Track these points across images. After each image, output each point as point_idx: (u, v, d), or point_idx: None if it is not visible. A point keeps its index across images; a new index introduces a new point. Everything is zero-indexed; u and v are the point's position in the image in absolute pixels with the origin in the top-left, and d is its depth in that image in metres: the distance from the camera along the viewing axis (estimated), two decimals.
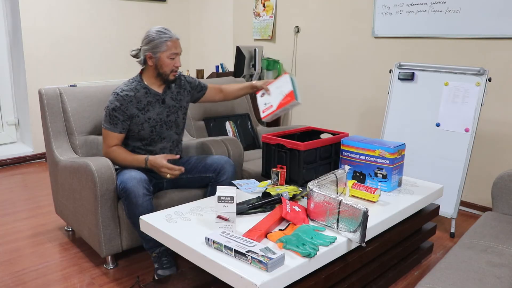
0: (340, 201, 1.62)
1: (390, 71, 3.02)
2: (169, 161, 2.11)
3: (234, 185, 2.15)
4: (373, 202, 1.99)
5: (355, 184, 2.06)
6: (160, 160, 2.08)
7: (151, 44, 2.09)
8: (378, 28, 3.47)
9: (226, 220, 1.63)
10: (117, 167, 2.26)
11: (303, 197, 1.99)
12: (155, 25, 2.21)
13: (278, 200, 1.87)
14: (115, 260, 2.27)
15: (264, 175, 2.37)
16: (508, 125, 2.90)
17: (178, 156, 2.21)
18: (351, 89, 3.77)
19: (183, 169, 2.11)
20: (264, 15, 4.36)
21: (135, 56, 2.16)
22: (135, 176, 1.99)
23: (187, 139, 2.72)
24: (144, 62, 2.15)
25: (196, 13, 5.11)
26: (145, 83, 2.19)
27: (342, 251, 1.62)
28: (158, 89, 2.22)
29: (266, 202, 1.86)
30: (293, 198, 1.93)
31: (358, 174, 2.21)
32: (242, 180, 2.23)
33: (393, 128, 2.99)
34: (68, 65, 4.26)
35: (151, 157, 2.10)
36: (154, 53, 2.10)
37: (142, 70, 2.21)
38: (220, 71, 4.38)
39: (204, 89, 2.43)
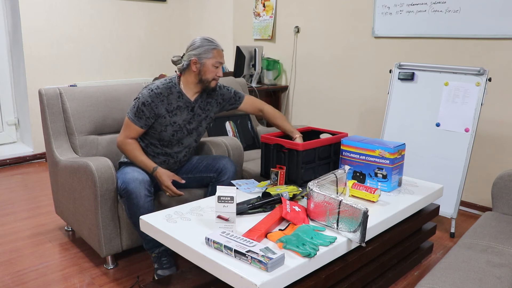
0: (340, 201, 1.62)
1: (390, 71, 3.02)
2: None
3: (233, 185, 2.14)
4: (373, 202, 1.99)
5: (355, 184, 2.06)
6: (166, 178, 2.10)
7: (198, 50, 2.10)
8: (378, 28, 3.47)
9: (226, 220, 1.63)
10: (122, 159, 2.27)
11: (303, 197, 1.99)
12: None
13: (278, 200, 1.87)
14: (115, 260, 2.27)
15: (263, 175, 2.37)
16: (508, 125, 2.90)
17: (183, 181, 2.19)
18: (351, 89, 3.77)
19: (183, 194, 2.15)
20: (264, 15, 4.36)
21: (176, 62, 2.17)
22: (137, 177, 2.00)
23: None
24: (187, 67, 2.14)
25: (196, 13, 5.11)
26: (181, 87, 2.18)
27: (342, 251, 1.62)
28: (191, 96, 2.21)
29: (266, 202, 1.86)
30: (293, 198, 1.93)
31: (358, 174, 2.20)
32: (241, 180, 2.23)
33: (393, 128, 2.99)
34: (68, 65, 4.26)
35: (158, 170, 2.11)
36: (200, 58, 2.10)
37: (180, 74, 2.19)
38: None
39: (237, 103, 2.40)
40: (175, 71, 2.23)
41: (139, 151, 2.15)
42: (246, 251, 1.39)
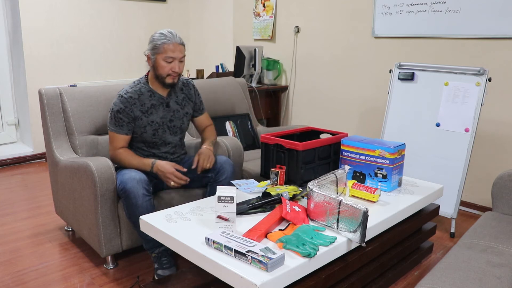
0: (340, 201, 1.62)
1: (390, 71, 3.02)
2: None
3: (233, 185, 2.14)
4: (373, 202, 1.99)
5: (355, 184, 2.06)
6: (169, 166, 2.09)
7: (150, 45, 2.11)
8: (378, 28, 3.47)
9: (226, 220, 1.63)
10: (116, 165, 2.26)
11: (303, 197, 1.99)
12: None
13: (278, 200, 1.87)
14: (115, 260, 2.27)
15: (263, 175, 2.37)
16: (508, 125, 2.90)
17: (185, 169, 2.16)
18: (351, 89, 3.77)
19: (188, 179, 2.11)
20: (264, 15, 4.36)
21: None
22: (134, 177, 1.99)
23: (187, 139, 2.72)
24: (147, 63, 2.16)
25: (196, 13, 5.11)
26: (150, 85, 2.19)
27: (342, 251, 1.62)
28: (163, 92, 2.21)
29: (266, 202, 1.86)
30: (293, 198, 1.93)
31: (358, 174, 2.20)
32: (241, 180, 2.23)
33: (393, 128, 2.99)
34: (68, 65, 4.26)
35: (158, 162, 2.10)
36: (152, 54, 2.11)
37: (148, 72, 2.21)
38: (220, 71, 4.38)
39: (197, 113, 2.40)
40: None
41: (132, 155, 2.15)
42: (246, 251, 1.39)
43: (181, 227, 1.68)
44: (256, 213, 1.82)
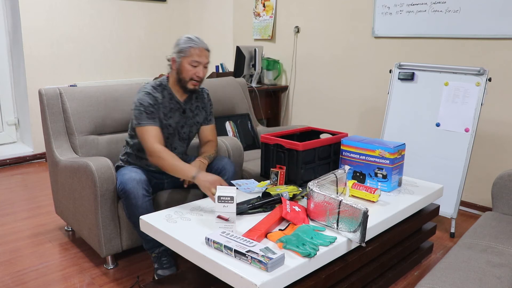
0: (340, 201, 1.62)
1: (390, 71, 3.02)
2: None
3: (233, 185, 2.14)
4: (373, 202, 1.99)
5: (355, 184, 2.06)
6: (209, 186, 1.87)
7: (176, 48, 2.09)
8: (378, 28, 3.47)
9: (226, 220, 1.63)
10: (118, 164, 2.26)
11: (303, 197, 1.99)
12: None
13: (278, 200, 1.87)
14: (115, 260, 2.27)
15: (263, 175, 2.37)
16: (508, 125, 2.90)
17: (227, 185, 1.95)
18: (351, 89, 3.77)
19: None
20: (264, 15, 4.36)
21: (169, 60, 2.15)
22: (134, 177, 1.99)
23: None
24: (170, 66, 2.13)
25: (196, 13, 5.11)
26: (171, 89, 2.16)
27: (342, 251, 1.62)
28: (181, 97, 2.19)
29: (266, 202, 1.86)
30: (293, 198, 1.93)
31: (358, 174, 2.20)
32: (241, 180, 2.23)
33: (393, 128, 2.99)
34: (68, 65, 4.26)
35: (200, 176, 1.91)
36: (178, 57, 2.08)
37: (168, 75, 2.18)
38: (220, 71, 4.38)
39: (205, 122, 2.32)
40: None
41: (174, 157, 2.00)
42: (246, 251, 1.39)
43: (181, 227, 1.68)
44: (256, 213, 1.82)
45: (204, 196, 2.28)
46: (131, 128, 2.19)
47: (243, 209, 1.80)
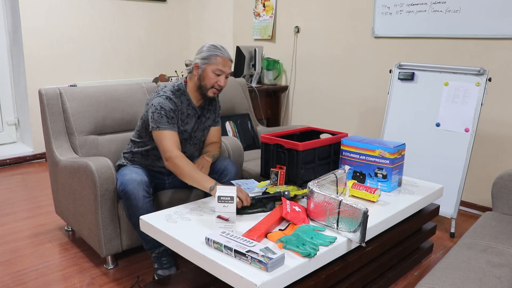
0: (340, 201, 1.62)
1: (390, 71, 3.02)
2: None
3: (233, 185, 2.14)
4: (373, 202, 1.99)
5: (355, 184, 2.06)
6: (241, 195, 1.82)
7: (201, 54, 2.08)
8: (378, 28, 3.47)
9: (226, 220, 1.63)
10: (120, 163, 2.25)
11: (303, 197, 1.99)
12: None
13: (278, 197, 1.87)
14: (115, 260, 2.27)
15: (263, 175, 2.37)
16: (508, 125, 2.90)
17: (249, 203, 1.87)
18: (351, 89, 3.77)
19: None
20: (264, 15, 4.36)
21: (187, 65, 2.15)
22: (135, 178, 1.99)
23: None
24: (192, 71, 2.12)
25: (196, 13, 5.11)
26: (189, 94, 2.15)
27: (342, 251, 1.62)
28: (197, 103, 2.18)
29: (265, 198, 1.85)
30: (293, 198, 1.93)
31: (358, 174, 2.20)
32: (241, 180, 2.23)
33: (393, 128, 2.99)
34: (68, 65, 4.26)
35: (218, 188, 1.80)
36: (202, 63, 2.07)
37: (186, 79, 2.17)
38: None
39: (214, 124, 2.31)
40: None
41: (194, 168, 1.95)
42: (246, 251, 1.39)
43: (181, 227, 1.68)
44: (256, 213, 1.82)
45: (205, 196, 2.29)
46: (142, 128, 2.18)
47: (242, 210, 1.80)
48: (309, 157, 2.22)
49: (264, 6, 4.34)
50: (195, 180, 1.91)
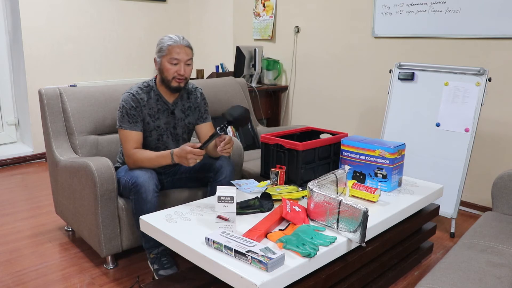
0: (340, 201, 1.62)
1: (390, 71, 3.02)
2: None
3: (233, 184, 2.14)
4: (373, 202, 1.99)
5: (355, 184, 2.06)
6: (185, 147, 1.93)
7: (157, 48, 2.09)
8: (378, 28, 3.47)
9: (226, 220, 1.63)
10: (116, 165, 2.26)
11: (303, 197, 1.99)
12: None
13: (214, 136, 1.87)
14: (115, 260, 2.27)
15: (263, 175, 2.37)
16: (508, 125, 2.90)
17: (199, 145, 1.97)
18: (351, 89, 3.77)
19: (203, 152, 1.95)
20: (264, 15, 4.36)
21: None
22: (146, 171, 2.00)
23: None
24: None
25: (196, 13, 5.11)
26: (158, 90, 2.16)
27: (342, 251, 1.62)
28: (169, 98, 2.18)
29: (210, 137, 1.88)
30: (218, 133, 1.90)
31: (358, 174, 2.20)
32: (241, 180, 2.23)
33: (393, 128, 2.99)
34: (68, 65, 4.26)
35: (175, 150, 1.98)
36: (158, 57, 2.09)
37: (156, 76, 2.18)
38: (220, 71, 4.38)
39: (200, 121, 2.30)
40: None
41: (149, 152, 2.06)
42: (246, 251, 1.39)
43: (181, 227, 1.68)
44: (256, 213, 1.82)
45: (204, 196, 2.29)
46: None
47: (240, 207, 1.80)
48: (309, 157, 2.22)
49: (264, 6, 4.34)
50: (154, 160, 2.02)
